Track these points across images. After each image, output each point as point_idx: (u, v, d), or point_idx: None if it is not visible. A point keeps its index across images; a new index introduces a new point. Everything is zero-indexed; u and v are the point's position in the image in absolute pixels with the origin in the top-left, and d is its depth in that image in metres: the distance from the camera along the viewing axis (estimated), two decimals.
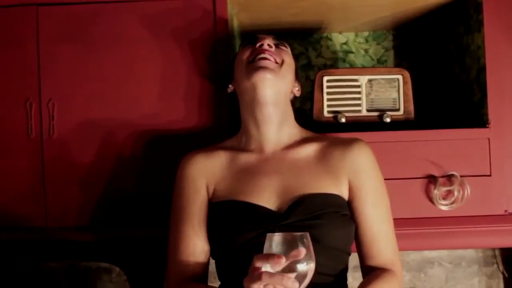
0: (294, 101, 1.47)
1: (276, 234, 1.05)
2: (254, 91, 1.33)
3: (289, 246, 1.03)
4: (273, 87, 1.33)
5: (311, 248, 1.04)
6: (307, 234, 1.05)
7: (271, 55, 1.34)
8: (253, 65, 1.33)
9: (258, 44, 1.37)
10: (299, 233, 1.04)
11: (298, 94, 1.45)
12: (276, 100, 1.34)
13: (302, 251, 1.02)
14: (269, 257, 1.02)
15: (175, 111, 1.58)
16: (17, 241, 1.64)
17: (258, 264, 1.03)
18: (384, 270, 1.29)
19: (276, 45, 1.40)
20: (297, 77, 1.46)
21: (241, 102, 1.40)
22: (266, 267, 1.03)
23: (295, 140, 1.38)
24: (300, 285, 1.03)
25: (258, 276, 1.02)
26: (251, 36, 1.43)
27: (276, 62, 1.35)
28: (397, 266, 1.32)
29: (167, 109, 1.58)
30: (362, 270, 1.34)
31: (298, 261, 1.02)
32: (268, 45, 1.36)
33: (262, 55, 1.34)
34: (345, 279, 1.32)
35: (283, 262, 1.01)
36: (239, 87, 1.38)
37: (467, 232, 1.55)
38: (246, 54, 1.37)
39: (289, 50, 1.43)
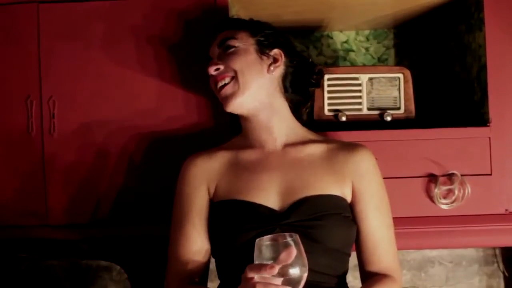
0: (289, 96, 1.40)
1: (265, 238, 1.05)
2: (235, 113, 1.38)
3: (279, 249, 1.03)
4: (244, 104, 1.34)
5: (302, 249, 1.05)
6: (297, 235, 1.05)
7: (223, 77, 1.34)
8: (220, 96, 1.37)
9: (209, 73, 1.37)
10: (288, 235, 1.05)
11: (279, 64, 1.37)
12: (258, 108, 1.35)
13: (293, 252, 1.03)
14: (262, 267, 1.03)
15: (176, 109, 1.58)
16: (18, 239, 1.64)
17: (251, 274, 1.04)
18: (384, 276, 1.29)
19: (223, 54, 1.36)
20: (268, 48, 1.37)
21: None
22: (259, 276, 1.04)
23: (296, 138, 1.38)
24: None
25: (252, 286, 1.03)
26: (207, 56, 1.41)
27: (232, 78, 1.34)
28: (397, 272, 1.32)
29: (168, 107, 1.58)
30: (361, 274, 1.34)
31: (290, 265, 1.03)
32: (215, 69, 1.35)
33: (219, 84, 1.35)
34: (345, 279, 1.32)
35: (276, 270, 1.02)
36: None
37: (467, 231, 1.54)
38: (211, 81, 1.39)
39: (239, 44, 1.36)
